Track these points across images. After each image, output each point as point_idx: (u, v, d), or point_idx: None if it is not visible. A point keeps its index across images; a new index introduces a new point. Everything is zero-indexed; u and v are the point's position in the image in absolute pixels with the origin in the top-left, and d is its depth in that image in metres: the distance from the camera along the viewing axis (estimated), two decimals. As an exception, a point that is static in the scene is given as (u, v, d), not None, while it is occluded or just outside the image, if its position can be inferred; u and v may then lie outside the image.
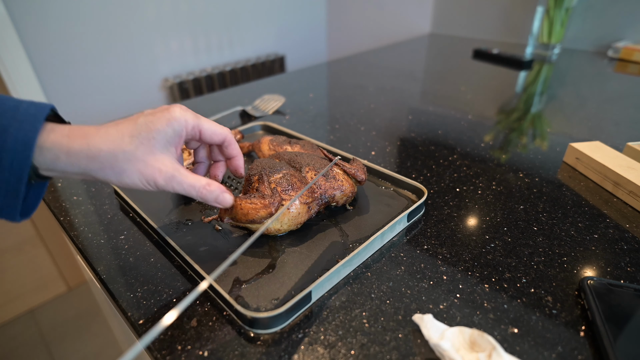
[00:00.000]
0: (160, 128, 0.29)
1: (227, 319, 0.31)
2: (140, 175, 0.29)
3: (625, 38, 1.04)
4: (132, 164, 0.28)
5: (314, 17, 1.75)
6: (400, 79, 0.93)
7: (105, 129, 0.28)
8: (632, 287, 0.32)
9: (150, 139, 0.29)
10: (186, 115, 0.30)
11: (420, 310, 0.32)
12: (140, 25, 1.22)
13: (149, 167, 0.29)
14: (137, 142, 0.28)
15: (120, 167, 0.28)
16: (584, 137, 0.61)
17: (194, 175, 0.31)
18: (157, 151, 0.29)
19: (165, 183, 0.30)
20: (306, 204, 0.38)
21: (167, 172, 0.29)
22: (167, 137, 0.29)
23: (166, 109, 0.30)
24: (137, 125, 0.29)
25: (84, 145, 0.27)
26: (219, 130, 0.33)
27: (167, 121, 0.29)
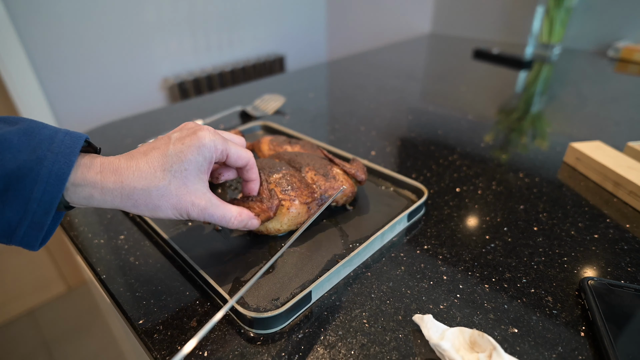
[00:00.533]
0: (191, 158, 0.28)
1: (227, 319, 0.31)
2: (174, 209, 0.29)
3: (625, 38, 1.04)
4: (165, 200, 0.28)
5: (314, 17, 1.75)
6: (400, 79, 0.93)
7: (135, 162, 0.28)
8: (633, 287, 0.32)
9: (182, 170, 0.28)
10: (215, 140, 0.29)
11: (420, 310, 0.32)
12: (140, 25, 1.22)
13: (183, 201, 0.29)
14: (169, 177, 0.28)
15: (154, 203, 0.28)
16: (584, 137, 0.61)
17: (224, 205, 0.31)
18: (190, 183, 0.29)
19: (198, 215, 0.30)
20: (306, 204, 0.38)
21: (200, 205, 0.30)
22: (198, 166, 0.29)
23: (194, 133, 0.29)
24: (167, 157, 0.28)
25: (118, 183, 0.27)
26: (243, 155, 0.32)
27: (198, 149, 0.28)
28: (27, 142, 0.25)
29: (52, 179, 0.25)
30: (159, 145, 0.29)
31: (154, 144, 0.29)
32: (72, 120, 1.18)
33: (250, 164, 0.33)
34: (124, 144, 0.62)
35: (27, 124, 0.26)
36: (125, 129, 0.68)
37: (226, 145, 0.30)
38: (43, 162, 0.24)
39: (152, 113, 0.75)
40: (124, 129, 0.68)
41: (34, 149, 0.25)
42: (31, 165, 0.24)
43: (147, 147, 0.29)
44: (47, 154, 0.25)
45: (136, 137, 0.64)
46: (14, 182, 0.24)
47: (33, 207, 0.24)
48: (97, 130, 0.68)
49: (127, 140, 0.63)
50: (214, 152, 0.29)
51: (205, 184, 0.31)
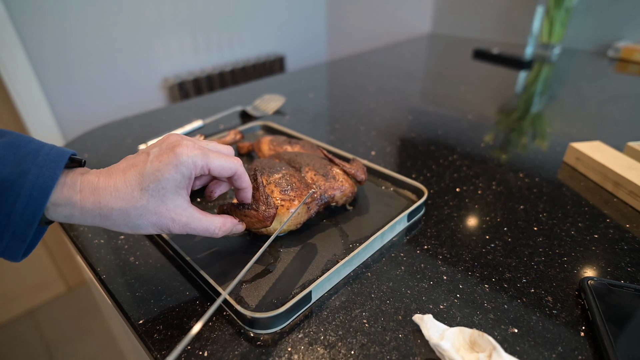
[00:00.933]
0: (168, 176, 0.28)
1: (227, 319, 0.31)
2: (154, 227, 0.29)
3: (625, 38, 1.04)
4: (144, 219, 0.28)
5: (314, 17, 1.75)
6: (400, 79, 0.93)
7: (114, 181, 0.27)
8: (632, 287, 0.32)
9: (160, 189, 0.28)
10: (194, 157, 0.28)
11: (420, 310, 0.32)
12: (140, 25, 1.22)
13: (162, 218, 0.29)
14: (147, 196, 0.28)
15: (133, 222, 0.28)
16: (584, 137, 0.61)
17: (207, 218, 0.31)
18: (168, 201, 0.29)
19: (180, 231, 0.30)
20: (305, 204, 0.38)
21: (181, 222, 0.29)
22: (176, 184, 0.28)
23: (172, 150, 0.28)
24: (144, 176, 0.27)
25: (96, 204, 0.27)
26: (228, 165, 0.31)
27: (175, 167, 0.28)
28: (12, 155, 0.25)
29: (36, 192, 0.25)
30: (137, 162, 0.28)
31: (133, 160, 0.29)
32: (72, 120, 1.18)
33: (238, 172, 0.32)
34: (124, 144, 0.62)
35: (13, 137, 0.26)
36: (125, 129, 0.68)
37: (207, 159, 0.29)
38: (27, 175, 0.25)
39: (152, 113, 0.75)
40: (124, 129, 0.68)
41: (18, 162, 0.25)
42: (14, 178, 0.24)
43: (126, 164, 0.29)
44: (32, 167, 0.25)
45: (136, 137, 0.64)
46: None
47: (15, 219, 0.25)
48: (97, 130, 0.68)
49: (127, 140, 0.63)
50: (193, 169, 0.29)
51: (186, 199, 0.30)
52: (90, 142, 0.63)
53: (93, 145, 0.62)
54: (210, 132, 0.64)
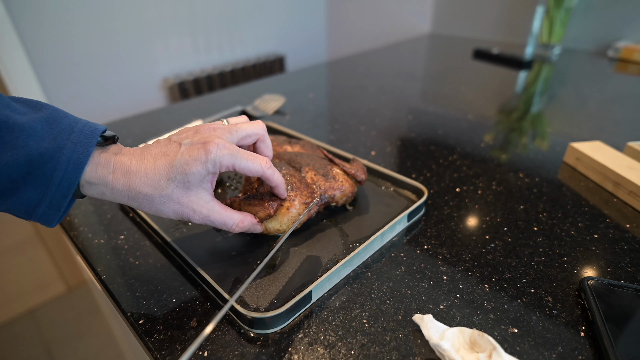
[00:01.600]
0: (194, 171, 0.29)
1: (227, 319, 0.31)
2: (176, 214, 0.31)
3: (625, 38, 1.04)
4: (167, 206, 0.30)
5: (314, 17, 1.75)
6: (400, 79, 0.93)
7: (144, 167, 0.29)
8: (633, 287, 0.32)
9: (186, 182, 0.30)
10: (222, 157, 0.30)
11: (420, 310, 0.32)
12: (140, 25, 1.22)
13: (184, 207, 0.31)
14: (173, 186, 0.29)
15: (156, 207, 0.30)
16: (584, 137, 0.61)
17: (227, 212, 0.33)
18: (192, 192, 0.30)
19: (200, 221, 0.32)
20: (305, 204, 0.38)
21: (202, 213, 0.31)
22: (202, 177, 0.30)
23: (203, 146, 0.29)
24: (173, 167, 0.29)
25: (126, 186, 0.29)
26: (254, 168, 0.31)
27: (203, 164, 0.29)
28: (50, 131, 0.27)
29: (71, 167, 0.27)
30: (169, 152, 0.30)
31: (166, 148, 0.30)
32: (72, 120, 1.18)
33: (265, 175, 0.33)
34: (124, 144, 0.62)
35: (50, 112, 0.28)
36: (125, 129, 0.68)
37: (233, 160, 0.30)
38: (63, 150, 0.26)
39: (152, 113, 0.75)
40: (124, 129, 0.68)
41: (55, 137, 0.27)
42: (52, 153, 0.26)
43: (158, 150, 0.30)
44: (67, 143, 0.27)
45: (136, 137, 0.64)
46: (35, 167, 0.26)
47: (52, 190, 0.27)
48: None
49: (127, 140, 0.63)
50: (219, 167, 0.30)
51: (209, 192, 0.32)
52: (90, 142, 0.63)
53: (93, 145, 0.62)
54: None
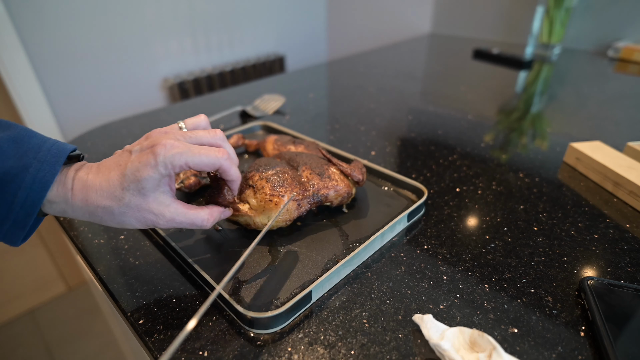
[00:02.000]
0: (146, 176, 0.28)
1: (227, 319, 0.31)
2: (139, 222, 0.30)
3: (625, 38, 1.04)
4: (128, 216, 0.30)
5: (314, 17, 1.75)
6: (400, 79, 0.93)
7: (99, 180, 0.29)
8: (632, 287, 0.32)
9: (140, 188, 0.29)
10: (172, 157, 0.28)
11: (420, 310, 0.32)
12: (140, 25, 1.22)
13: (146, 214, 0.30)
14: (129, 195, 0.29)
15: (118, 219, 0.30)
16: (584, 137, 0.61)
17: (192, 210, 0.32)
18: (150, 198, 0.30)
19: (166, 225, 0.31)
20: (295, 201, 0.38)
21: (165, 217, 0.30)
22: (156, 182, 0.29)
23: (150, 149, 0.29)
24: (125, 176, 0.28)
25: (84, 201, 0.29)
26: (210, 162, 0.30)
27: (153, 168, 0.28)
28: (16, 149, 0.27)
29: (36, 186, 0.27)
30: (121, 161, 0.29)
31: (118, 159, 0.30)
32: (72, 120, 1.18)
33: (223, 167, 0.31)
34: (124, 144, 0.62)
35: (18, 131, 0.28)
36: (125, 129, 0.68)
37: (185, 157, 0.29)
38: (28, 169, 0.26)
39: (152, 113, 0.75)
40: (124, 129, 0.68)
41: (21, 156, 0.27)
42: (17, 172, 0.26)
43: (112, 162, 0.30)
44: (33, 162, 0.27)
45: (136, 137, 0.64)
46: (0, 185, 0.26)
47: (16, 209, 0.27)
48: (97, 130, 0.68)
49: (127, 140, 0.63)
50: (171, 168, 0.29)
51: (168, 195, 0.31)
52: (90, 142, 0.63)
53: (93, 145, 0.62)
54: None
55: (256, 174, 0.39)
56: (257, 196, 0.38)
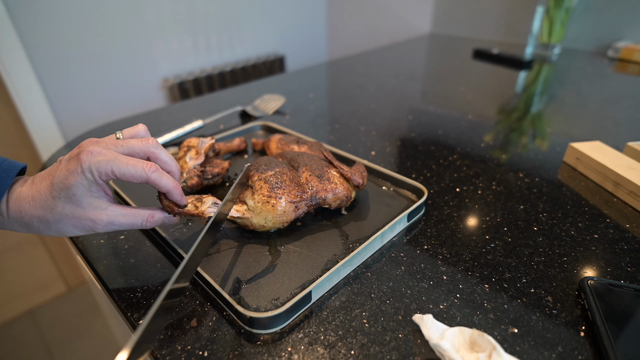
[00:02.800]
0: (74, 182, 0.29)
1: (227, 319, 0.31)
2: (77, 228, 0.31)
3: (625, 38, 1.04)
4: (64, 223, 0.30)
5: (314, 17, 1.75)
6: (400, 79, 0.93)
7: (32, 191, 0.29)
8: (632, 287, 0.32)
9: (71, 195, 0.29)
10: (97, 164, 0.29)
11: (420, 310, 0.32)
12: (140, 26, 1.22)
13: (82, 220, 0.30)
14: (61, 203, 0.29)
15: (55, 227, 0.30)
16: (584, 137, 0.61)
17: (131, 211, 0.32)
18: (84, 204, 0.30)
19: (105, 229, 0.31)
20: (292, 203, 0.38)
21: (102, 220, 0.31)
22: (85, 187, 0.29)
23: (76, 157, 0.29)
24: (54, 185, 0.29)
25: (18, 213, 0.29)
26: (136, 173, 0.30)
27: (79, 174, 0.28)
28: None
29: None
30: (51, 171, 0.30)
31: (50, 169, 0.30)
32: (72, 120, 1.18)
33: (151, 180, 0.31)
34: (124, 144, 0.62)
35: None
36: (125, 129, 0.68)
37: (111, 166, 0.29)
38: None
39: (152, 113, 0.75)
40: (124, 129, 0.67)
41: None
42: None
43: (45, 173, 0.30)
44: None
45: (136, 137, 0.64)
46: None
47: None
48: (97, 130, 0.68)
49: (127, 140, 0.63)
50: (97, 175, 0.29)
51: (104, 199, 0.31)
52: (90, 142, 0.63)
53: (93, 145, 0.62)
54: (210, 132, 0.64)
55: (256, 174, 0.39)
56: (254, 197, 0.38)
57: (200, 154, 0.47)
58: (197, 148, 0.48)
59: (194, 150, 0.48)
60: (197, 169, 0.46)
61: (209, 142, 0.48)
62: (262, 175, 0.39)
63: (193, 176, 0.45)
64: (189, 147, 0.48)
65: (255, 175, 0.39)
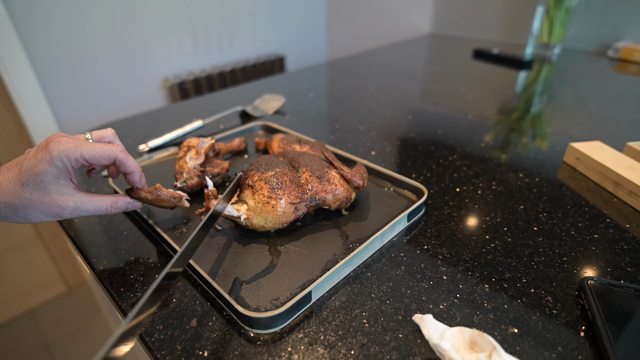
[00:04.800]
0: (43, 170, 0.30)
1: (227, 319, 0.31)
2: (44, 215, 0.32)
3: (625, 38, 1.04)
4: (32, 209, 0.31)
5: (314, 17, 1.75)
6: (400, 79, 0.93)
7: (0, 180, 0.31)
8: (632, 287, 0.32)
9: (39, 182, 0.31)
10: (65, 150, 0.31)
11: (420, 310, 0.32)
12: (140, 26, 1.22)
13: (49, 206, 0.32)
14: (29, 189, 0.31)
15: (22, 213, 0.31)
16: (584, 137, 0.61)
17: (97, 198, 0.34)
18: (52, 191, 0.31)
19: (71, 214, 0.33)
20: (292, 204, 0.38)
21: (69, 206, 0.32)
22: (54, 175, 0.31)
23: (45, 147, 0.30)
24: (22, 172, 0.30)
25: None
26: (105, 153, 0.33)
27: (48, 162, 0.30)
28: None
29: None
30: (19, 161, 0.31)
31: (18, 159, 0.32)
32: (72, 120, 1.18)
33: (119, 159, 0.34)
34: (124, 144, 0.62)
35: None
36: (126, 129, 0.68)
37: (79, 150, 0.31)
38: None
39: (152, 113, 0.75)
40: (124, 129, 0.68)
41: None
42: None
43: (13, 162, 0.32)
44: None
45: (136, 137, 0.64)
46: None
47: None
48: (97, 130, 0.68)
49: (127, 141, 0.63)
50: (67, 161, 0.31)
51: (71, 187, 0.33)
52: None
53: (93, 145, 0.62)
54: (210, 132, 0.64)
55: (256, 174, 0.39)
56: (255, 197, 0.38)
57: (200, 154, 0.47)
58: (197, 148, 0.48)
59: (194, 150, 0.48)
60: (197, 169, 0.46)
61: (209, 142, 0.48)
62: (262, 175, 0.39)
63: (193, 176, 0.45)
64: (189, 147, 0.48)
65: (256, 175, 0.39)
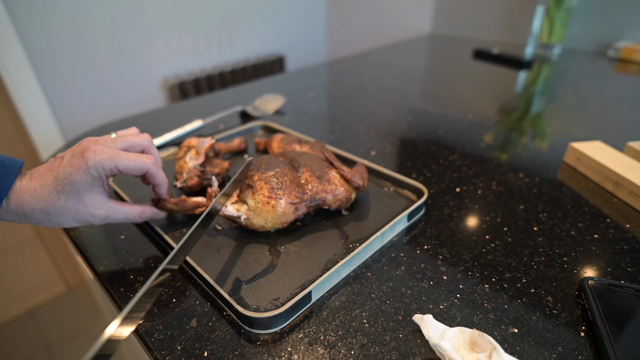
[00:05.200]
0: (79, 179, 0.31)
1: (227, 319, 0.31)
2: (75, 221, 0.33)
3: (625, 38, 1.04)
4: (65, 216, 0.32)
5: (314, 17, 1.75)
6: (400, 79, 0.93)
7: (33, 185, 0.31)
8: (633, 287, 0.32)
9: (75, 190, 0.31)
10: (101, 161, 0.31)
11: (420, 310, 0.32)
12: (140, 26, 1.22)
13: (81, 213, 0.33)
14: (64, 197, 0.31)
15: (55, 219, 0.32)
16: (584, 137, 0.61)
17: (126, 207, 0.36)
18: (85, 199, 0.32)
19: (102, 222, 0.34)
20: (292, 204, 0.38)
21: (100, 215, 0.34)
22: (89, 183, 0.32)
23: (81, 155, 0.31)
24: (58, 180, 0.31)
25: (18, 205, 0.31)
26: (138, 166, 0.34)
27: (84, 171, 0.31)
28: None
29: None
30: (53, 167, 0.32)
31: (51, 165, 0.32)
32: (72, 120, 1.18)
33: (150, 172, 0.35)
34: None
35: None
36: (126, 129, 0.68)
37: (114, 161, 0.32)
38: None
39: (152, 113, 0.75)
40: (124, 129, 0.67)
41: None
42: None
43: (45, 168, 0.32)
44: None
45: (136, 137, 0.64)
46: None
47: None
48: (97, 130, 0.68)
49: (127, 140, 0.63)
50: (102, 171, 0.32)
51: (103, 195, 0.34)
52: (90, 142, 0.63)
53: (93, 145, 0.62)
54: (210, 132, 0.64)
55: (256, 174, 0.39)
56: (255, 197, 0.38)
57: (200, 154, 0.47)
58: (197, 148, 0.48)
59: (194, 150, 0.48)
60: (197, 169, 0.46)
61: (209, 142, 0.48)
62: (262, 175, 0.39)
63: (193, 176, 0.45)
64: (189, 147, 0.48)
65: (256, 175, 0.39)
